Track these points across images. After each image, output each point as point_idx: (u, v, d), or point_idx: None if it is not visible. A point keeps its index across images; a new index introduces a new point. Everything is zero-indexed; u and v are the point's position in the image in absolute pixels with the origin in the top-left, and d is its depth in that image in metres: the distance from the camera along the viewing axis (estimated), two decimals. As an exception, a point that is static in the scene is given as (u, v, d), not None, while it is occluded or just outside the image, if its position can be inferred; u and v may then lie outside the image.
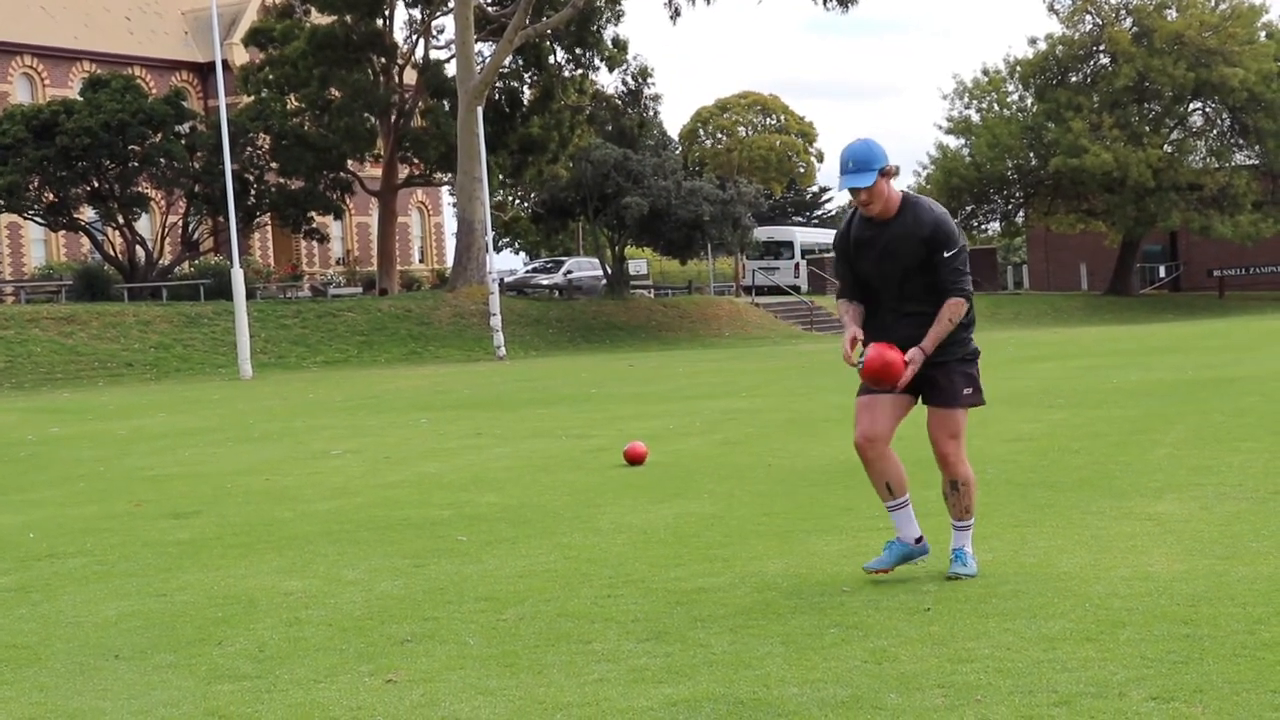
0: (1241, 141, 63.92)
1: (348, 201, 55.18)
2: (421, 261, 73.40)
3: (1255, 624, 5.46)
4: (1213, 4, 62.75)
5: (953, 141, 67.15)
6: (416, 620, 6.34)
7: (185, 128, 47.21)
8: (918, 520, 6.78)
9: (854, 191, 6.46)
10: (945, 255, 6.47)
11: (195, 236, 49.80)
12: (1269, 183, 62.91)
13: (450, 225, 67.46)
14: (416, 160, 54.19)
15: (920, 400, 6.69)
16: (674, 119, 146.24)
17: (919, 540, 6.70)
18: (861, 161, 6.42)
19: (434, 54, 53.65)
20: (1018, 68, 65.46)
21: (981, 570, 6.73)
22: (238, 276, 35.82)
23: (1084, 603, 5.94)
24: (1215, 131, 64.91)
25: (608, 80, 57.86)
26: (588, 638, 5.83)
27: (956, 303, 6.50)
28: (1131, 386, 17.60)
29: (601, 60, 53.67)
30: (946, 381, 6.59)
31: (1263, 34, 62.79)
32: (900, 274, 6.51)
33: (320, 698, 5.16)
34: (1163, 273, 72.96)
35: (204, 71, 62.34)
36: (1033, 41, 65.30)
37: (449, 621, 6.28)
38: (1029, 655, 5.18)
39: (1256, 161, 63.42)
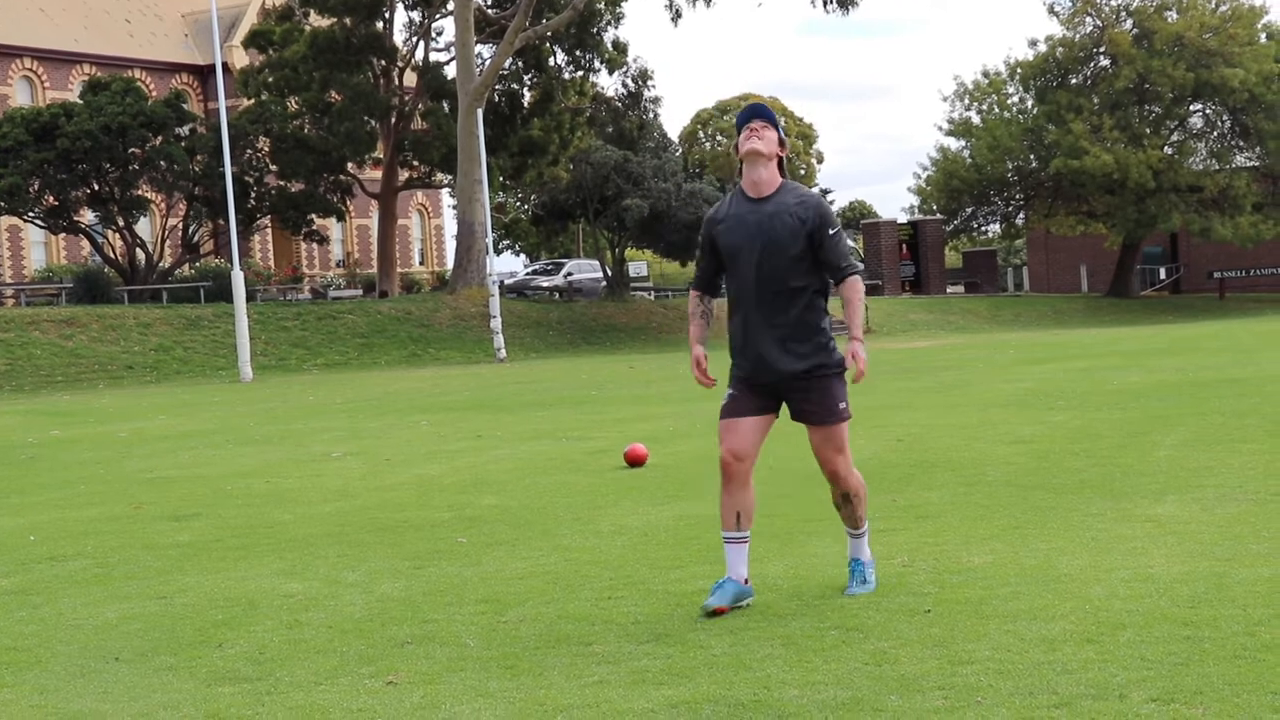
0: (1242, 143, 63.96)
1: (348, 204, 55.18)
2: (422, 264, 73.43)
3: (1255, 626, 5.46)
4: (1213, 5, 62.76)
5: (953, 143, 67.23)
6: (417, 622, 6.34)
7: (185, 130, 47.25)
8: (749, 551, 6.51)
9: (748, 121, 6.35)
10: (831, 232, 6.28)
11: (195, 239, 49.81)
12: (1269, 184, 62.93)
13: (450, 227, 67.53)
14: (417, 162, 54.21)
15: (790, 416, 6.47)
16: (674, 121, 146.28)
17: (746, 581, 6.37)
18: (767, 110, 6.41)
19: (434, 56, 53.83)
20: (1018, 69, 65.51)
21: (982, 572, 6.71)
22: (238, 279, 35.84)
23: (1084, 604, 5.94)
24: (1215, 133, 64.94)
25: (608, 82, 57.81)
26: (588, 639, 5.83)
27: (856, 280, 6.34)
28: (1132, 388, 17.60)
29: (602, 62, 53.70)
30: (821, 397, 6.35)
31: (1263, 35, 62.82)
32: (770, 258, 6.27)
33: (320, 700, 5.16)
34: (1163, 274, 72.98)
35: (204, 74, 62.38)
36: (1033, 43, 65.40)
37: (449, 623, 6.28)
38: (1029, 657, 5.18)
39: (1257, 163, 63.45)
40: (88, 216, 48.22)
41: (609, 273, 54.40)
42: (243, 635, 6.29)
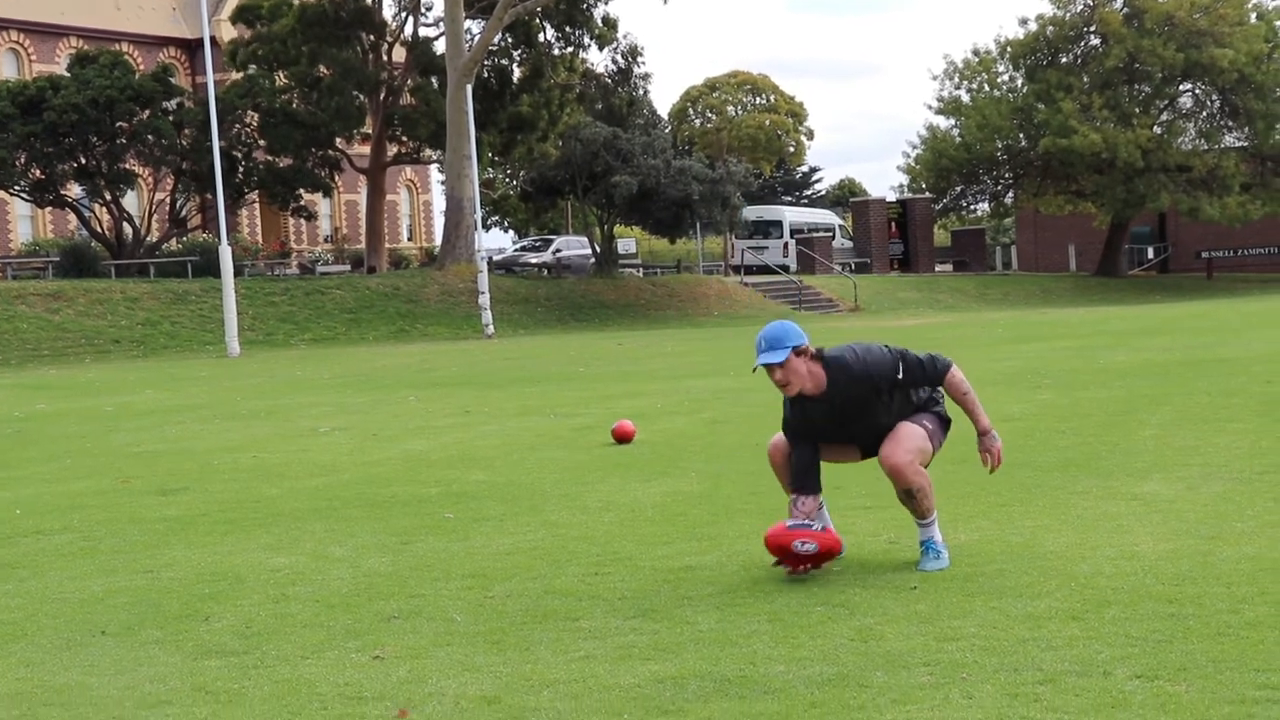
0: (1231, 123, 63.94)
1: (336, 179, 55.05)
2: (410, 239, 73.34)
3: (1239, 603, 5.48)
4: (1203, -15, 62.71)
5: (942, 122, 67.13)
6: (403, 597, 6.34)
7: (173, 104, 47.05)
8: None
9: (769, 369, 6.30)
10: (900, 378, 6.38)
11: (183, 214, 49.66)
12: (1257, 165, 62.97)
13: (439, 203, 67.45)
14: (405, 138, 54.06)
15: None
16: (663, 98, 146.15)
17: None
18: (774, 339, 6.28)
19: (423, 31, 53.50)
20: (1008, 48, 65.41)
21: (968, 549, 6.74)
22: (225, 254, 35.76)
23: (1070, 582, 5.96)
24: (1205, 113, 64.91)
25: (597, 59, 57.74)
26: (575, 615, 5.84)
27: (953, 374, 6.50)
28: (1119, 367, 17.64)
29: (591, 38, 53.54)
30: (904, 424, 6.52)
31: (1253, 15, 62.77)
32: (863, 427, 6.48)
33: (307, 674, 5.16)
34: (1151, 254, 73.04)
35: (192, 48, 62.16)
36: (1023, 22, 65.23)
37: (436, 598, 6.28)
38: (1015, 634, 5.20)
39: (1245, 143, 63.45)
40: (74, 190, 48.06)
41: (597, 249, 54.33)
42: (229, 609, 6.29)
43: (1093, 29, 63.59)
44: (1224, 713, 4.25)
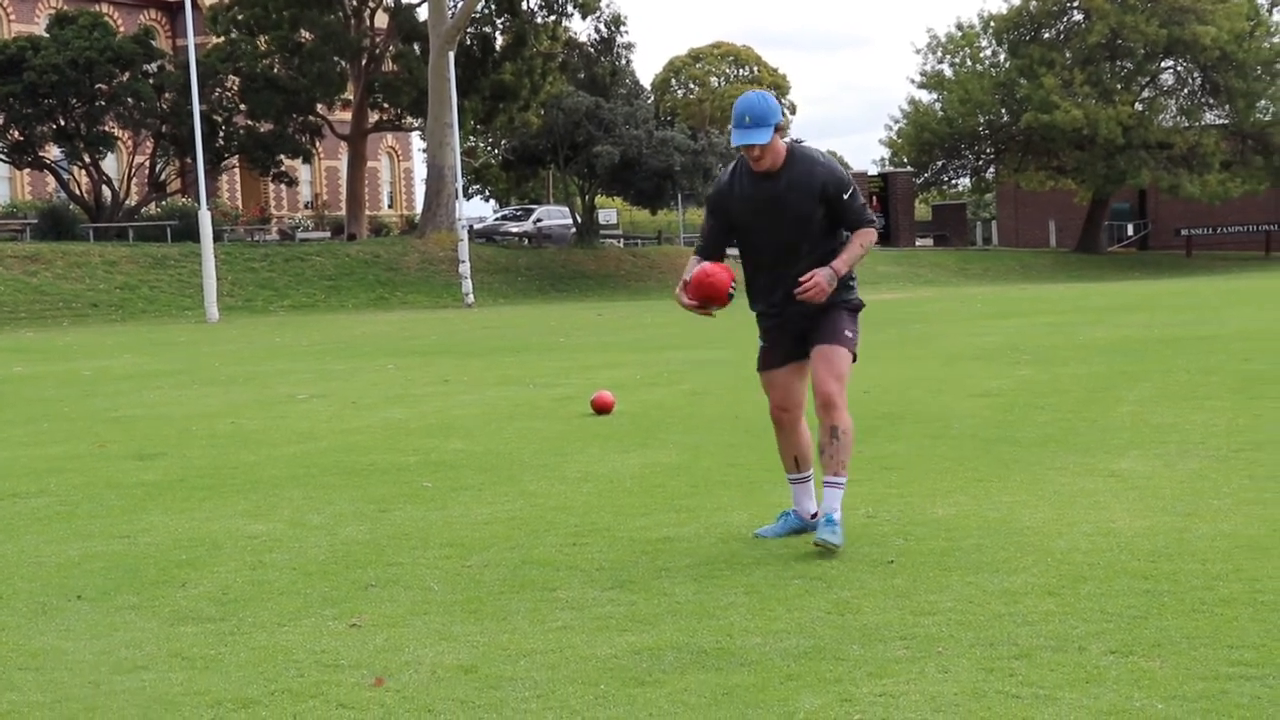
0: (1212, 101, 64.10)
1: (317, 145, 54.84)
2: (391, 207, 73.14)
3: (1214, 580, 5.51)
4: (1187, -38, 62.75)
5: (925, 96, 67.18)
6: (381, 565, 6.34)
7: (153, 67, 46.81)
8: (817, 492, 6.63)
9: (748, 148, 6.24)
10: (845, 197, 6.29)
11: (162, 177, 49.44)
12: (1238, 143, 63.13)
13: (420, 171, 67.23)
14: (387, 105, 53.88)
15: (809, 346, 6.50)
16: (646, 68, 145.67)
17: (814, 516, 6.54)
18: (759, 116, 6.16)
19: (406, -2, 53.27)
20: (991, 22, 65.45)
21: (945, 525, 6.75)
22: (205, 218, 35.64)
23: (1046, 557, 5.98)
24: (1186, 90, 65.07)
25: (580, 27, 57.63)
26: (552, 585, 5.84)
27: (868, 232, 6.36)
28: (1097, 344, 17.69)
29: (574, 7, 53.39)
30: (832, 321, 6.39)
31: (1236, -7, 62.85)
32: (788, 229, 6.31)
33: (284, 641, 5.16)
34: (1131, 231, 73.24)
35: (173, 10, 61.76)
36: (1007, -4, 65.26)
37: (413, 567, 6.28)
38: (990, 609, 5.22)
39: (1226, 121, 63.61)
40: (53, 152, 47.79)
41: (579, 220, 54.27)
42: (206, 575, 6.28)
43: (1076, 4, 63.64)
44: (1197, 689, 4.27)
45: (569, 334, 24.48)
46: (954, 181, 71.77)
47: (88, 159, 46.40)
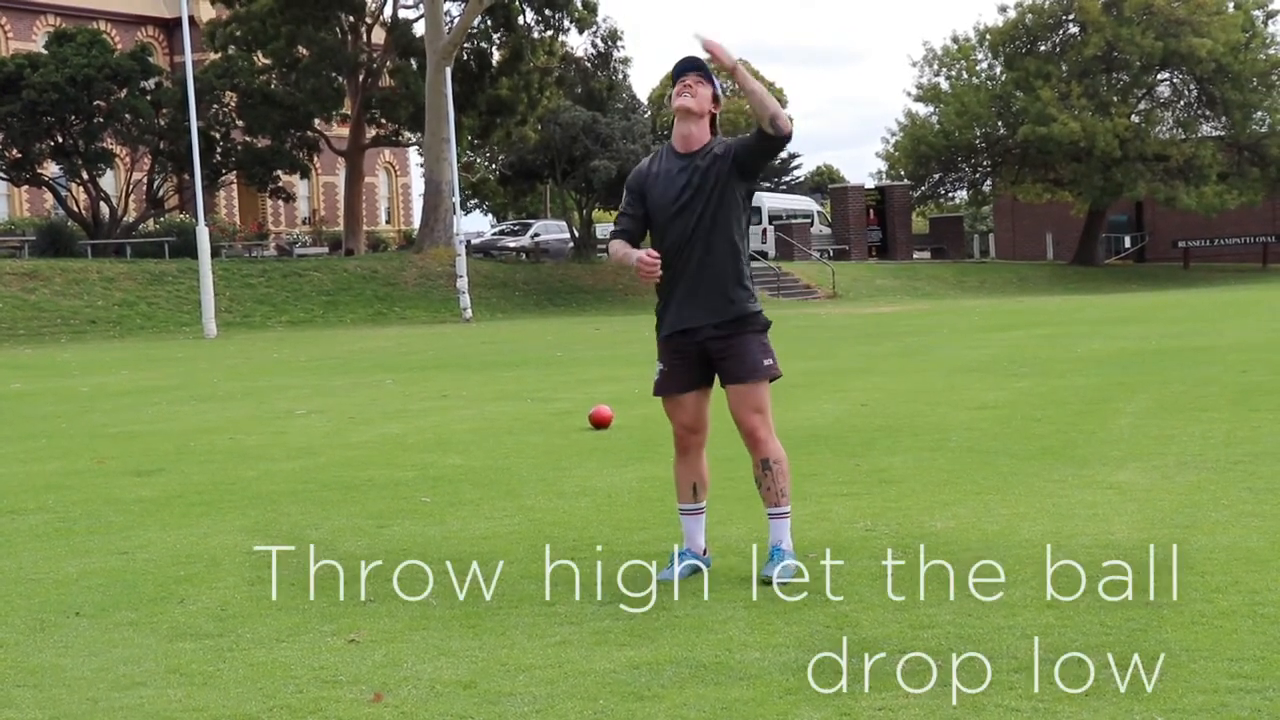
0: (1208, 113, 64.15)
1: (314, 161, 54.84)
2: (388, 222, 73.16)
3: (1213, 592, 5.51)
4: (1181, -26, 62.87)
5: (921, 109, 67.23)
6: (380, 581, 6.33)
7: (151, 84, 46.81)
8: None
9: (684, 73, 6.19)
10: (745, 137, 6.18)
11: (160, 194, 49.44)
12: (1234, 154, 63.17)
13: (417, 186, 67.25)
14: (384, 120, 53.90)
15: (719, 382, 6.30)
16: (643, 83, 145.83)
17: (705, 552, 6.39)
18: (701, 64, 6.21)
19: (402, 13, 53.31)
20: (987, 35, 65.51)
21: (944, 537, 6.74)
22: (203, 235, 35.63)
23: (1045, 570, 5.97)
24: (1182, 102, 65.12)
25: (577, 42, 57.66)
26: (550, 600, 5.84)
27: (787, 128, 6.10)
28: (1095, 356, 17.69)
29: (571, 22, 53.40)
30: (742, 355, 6.18)
31: (1231, 5, 62.94)
32: (698, 212, 6.13)
33: (282, 657, 5.15)
34: (1128, 243, 73.27)
35: (170, 27, 61.83)
36: (1003, 9, 65.34)
37: (412, 582, 6.27)
38: (990, 621, 5.21)
39: (1222, 133, 63.66)
40: (51, 169, 47.79)
41: (576, 234, 54.29)
42: (204, 591, 6.27)
43: (1071, 17, 63.72)
44: (1197, 701, 4.27)
45: (567, 348, 24.48)
46: (951, 194, 71.80)
47: (86, 176, 46.40)
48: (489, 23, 52.14)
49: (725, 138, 6.31)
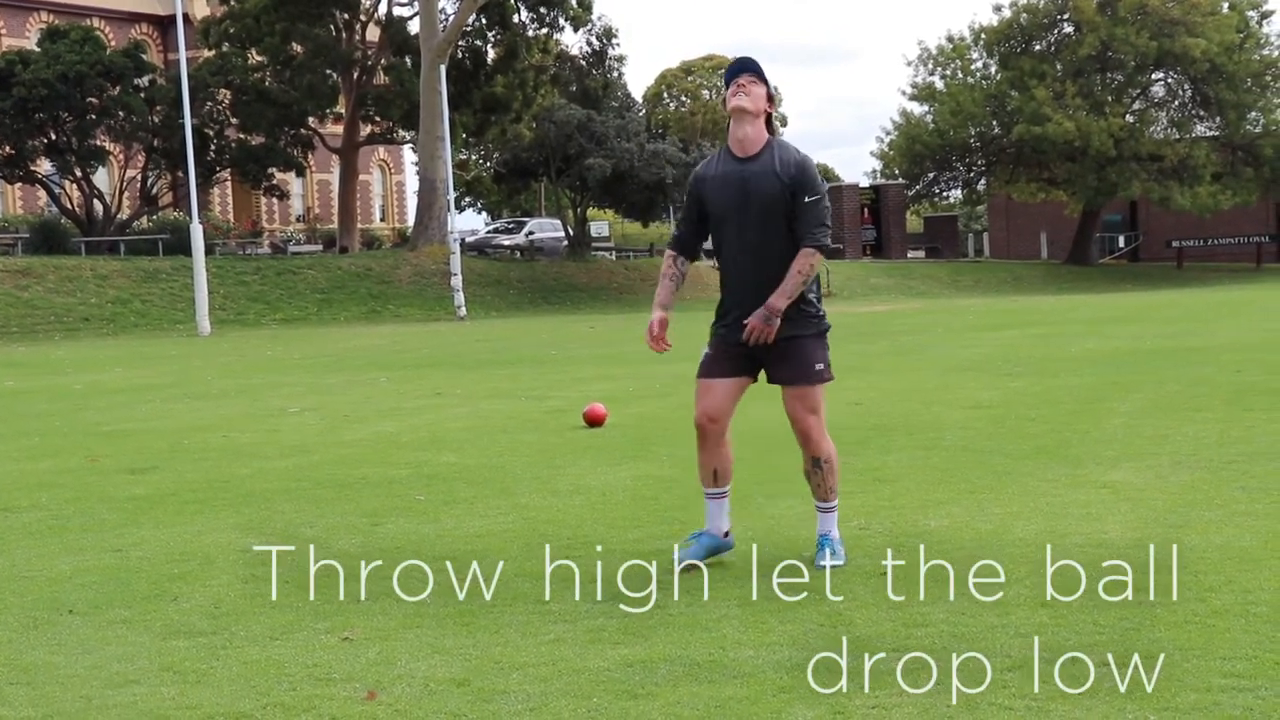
0: (1202, 113, 64.21)
1: (308, 158, 54.82)
2: (382, 220, 73.14)
3: (1206, 591, 5.51)
4: (1176, -26, 62.90)
5: (916, 108, 67.24)
6: (374, 578, 6.33)
7: (144, 81, 46.78)
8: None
9: (738, 73, 6.24)
10: (807, 200, 6.15)
11: (154, 191, 49.40)
12: (1228, 154, 63.22)
13: (412, 184, 67.25)
14: (378, 118, 53.88)
15: (767, 379, 6.39)
16: (638, 81, 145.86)
17: (726, 534, 6.47)
18: (755, 65, 6.28)
19: (397, 11, 53.31)
20: (982, 35, 65.52)
21: (938, 536, 6.75)
22: (196, 232, 35.60)
23: (1039, 569, 5.97)
24: (1176, 102, 65.18)
25: (572, 40, 57.70)
26: (544, 598, 5.83)
27: (809, 253, 6.13)
28: (1089, 355, 17.70)
29: (566, 20, 53.41)
30: (800, 357, 6.27)
31: (1225, 4, 62.99)
32: (755, 221, 6.19)
33: (276, 654, 5.15)
34: (1122, 242, 73.31)
35: (164, 24, 61.78)
36: (997, 9, 65.37)
37: (407, 580, 6.27)
38: (983, 620, 5.22)
39: (1217, 133, 63.71)
40: (44, 166, 47.74)
41: (570, 232, 54.29)
42: (198, 589, 6.27)
43: (1066, 16, 63.75)
44: (1190, 700, 4.27)
45: (561, 346, 24.47)
46: (945, 193, 71.83)
47: (79, 173, 46.36)
48: (484, 20, 52.13)
49: (787, 146, 6.31)
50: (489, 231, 62.19)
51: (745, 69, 6.27)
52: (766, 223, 6.20)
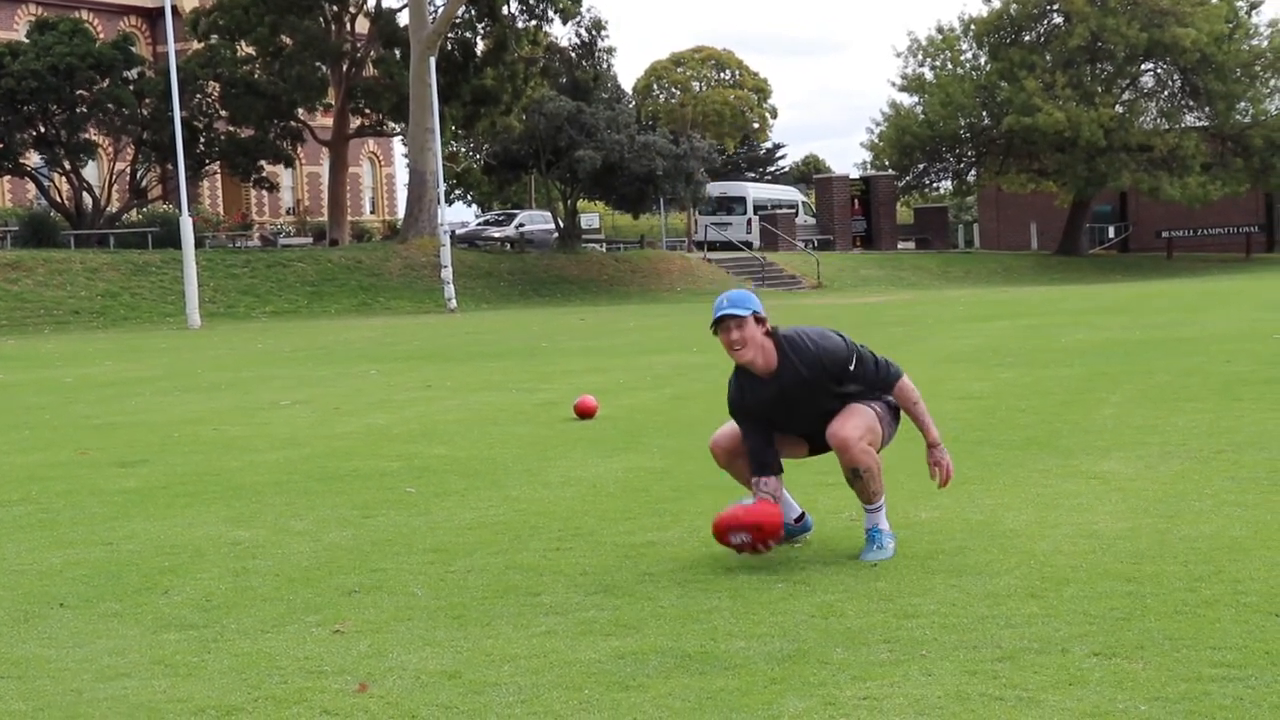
0: (1192, 103, 64.26)
1: (298, 151, 54.71)
2: (372, 212, 73.04)
3: (1196, 581, 5.52)
4: (1166, -35, 62.90)
5: (906, 99, 67.23)
6: (364, 571, 6.33)
7: (134, 73, 46.65)
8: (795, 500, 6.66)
9: (726, 328, 6.11)
10: (851, 370, 6.18)
11: (144, 184, 49.30)
12: (1218, 145, 63.29)
13: (401, 176, 67.18)
14: (368, 110, 53.78)
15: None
16: (628, 72, 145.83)
17: (799, 519, 6.57)
18: (736, 299, 6.13)
19: (386, 3, 53.16)
20: (972, 25, 65.52)
21: (928, 527, 6.76)
22: (186, 225, 35.53)
23: (1029, 560, 5.99)
24: (1166, 92, 65.22)
25: (561, 32, 57.55)
26: (536, 590, 5.84)
27: (904, 384, 6.26)
28: (1079, 346, 17.73)
29: (555, 12, 53.31)
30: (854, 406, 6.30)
31: (1214, -5, 63.02)
32: (809, 414, 6.27)
33: (267, 647, 5.15)
34: (1112, 233, 73.37)
35: (153, 16, 61.63)
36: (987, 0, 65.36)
37: (397, 573, 6.27)
38: (974, 611, 5.23)
39: (1206, 123, 63.76)
40: (33, 159, 47.61)
41: (561, 224, 54.24)
42: (189, 582, 6.27)
43: (1056, 7, 63.76)
44: (1180, 690, 4.28)
45: (552, 338, 24.47)
46: (935, 184, 71.81)
47: (68, 166, 46.24)
48: (473, 12, 52.03)
49: (800, 347, 6.19)
50: (479, 224, 62.12)
51: (726, 315, 6.12)
52: (820, 406, 6.25)
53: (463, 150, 67.31)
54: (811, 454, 6.57)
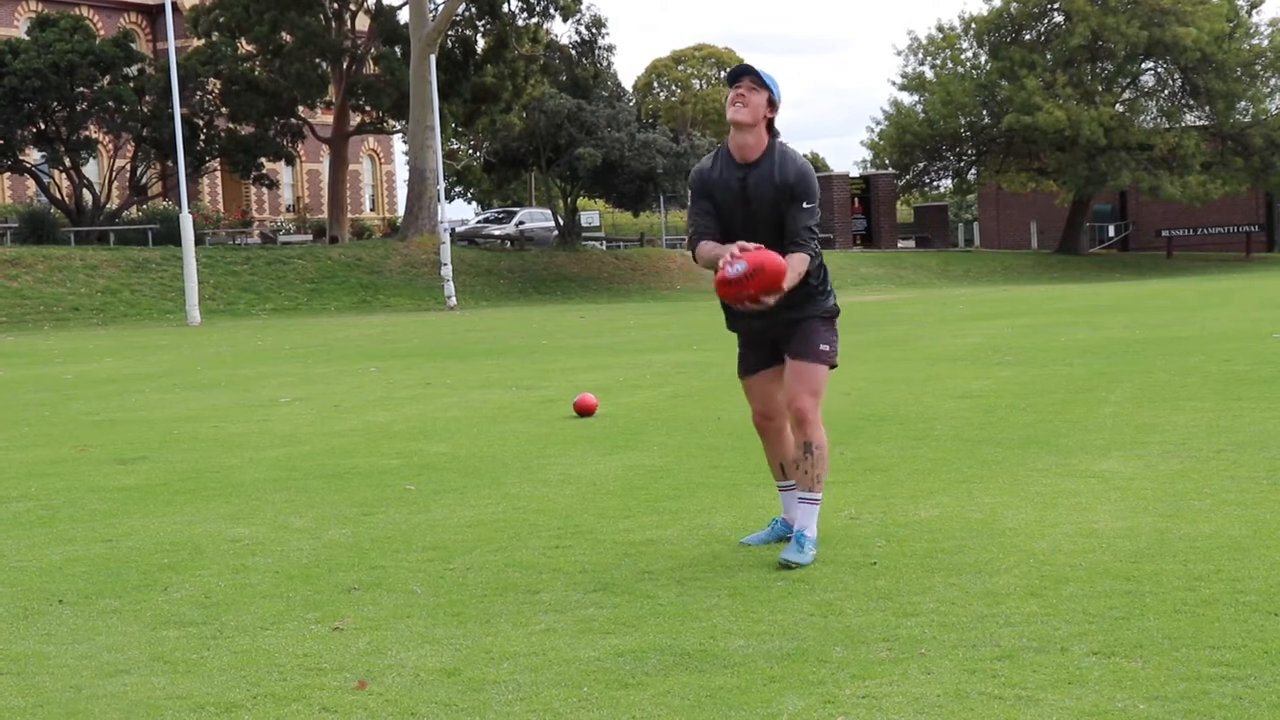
0: (1192, 102, 64.28)
1: (298, 148, 54.72)
2: (372, 210, 73.05)
3: (1195, 581, 5.52)
4: (1166, -36, 62.91)
5: (906, 98, 67.26)
6: (364, 568, 6.33)
7: (134, 71, 46.66)
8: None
9: (741, 81, 6.12)
10: (804, 206, 6.15)
11: (144, 181, 49.31)
12: (1218, 144, 63.30)
13: (402, 173, 67.18)
14: (368, 108, 53.80)
15: (783, 355, 6.41)
16: (628, 70, 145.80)
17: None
18: (766, 74, 6.17)
19: (387, 0, 53.18)
20: (972, 24, 65.53)
21: (928, 526, 6.76)
22: (186, 222, 35.54)
23: (1028, 559, 5.99)
24: (1166, 91, 65.24)
25: (562, 30, 57.61)
26: (535, 588, 5.84)
27: (801, 258, 6.14)
28: (1079, 345, 17.72)
29: (556, 9, 53.32)
30: (805, 335, 6.29)
31: (1215, -6, 63.03)
32: (754, 222, 6.20)
33: (266, 645, 5.15)
34: (1112, 232, 73.40)
35: (153, 13, 61.65)
36: (988, -2, 65.36)
37: (396, 570, 6.27)
38: (973, 610, 5.22)
39: (1206, 123, 63.77)
40: (34, 156, 47.62)
41: (561, 222, 54.25)
42: (188, 579, 6.26)
43: (1057, 6, 63.78)
44: (1179, 689, 4.28)
45: (551, 336, 24.47)
46: (936, 183, 71.86)
47: (68, 163, 46.25)
48: (473, 10, 52.05)
49: (787, 151, 6.24)
50: (479, 221, 62.14)
51: (745, 73, 6.18)
52: (767, 227, 6.20)
53: (463, 148, 67.35)
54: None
